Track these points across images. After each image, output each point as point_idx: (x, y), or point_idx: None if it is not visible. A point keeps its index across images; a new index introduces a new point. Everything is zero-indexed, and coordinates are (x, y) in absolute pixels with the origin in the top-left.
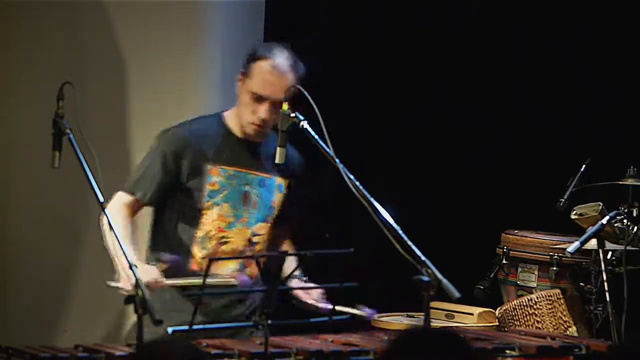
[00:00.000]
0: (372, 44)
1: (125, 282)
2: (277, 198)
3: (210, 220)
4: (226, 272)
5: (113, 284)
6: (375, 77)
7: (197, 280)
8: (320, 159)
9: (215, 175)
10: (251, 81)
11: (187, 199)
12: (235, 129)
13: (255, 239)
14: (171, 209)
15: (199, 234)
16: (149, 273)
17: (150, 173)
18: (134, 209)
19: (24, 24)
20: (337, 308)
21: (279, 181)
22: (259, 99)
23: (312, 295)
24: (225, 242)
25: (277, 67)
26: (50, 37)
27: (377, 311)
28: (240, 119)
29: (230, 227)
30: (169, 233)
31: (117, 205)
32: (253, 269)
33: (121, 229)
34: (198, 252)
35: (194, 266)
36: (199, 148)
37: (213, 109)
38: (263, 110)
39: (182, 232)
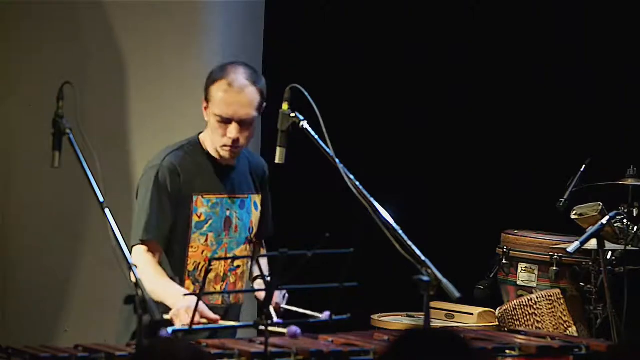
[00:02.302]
0: (372, 44)
1: (180, 319)
2: (254, 217)
3: (199, 252)
4: (213, 298)
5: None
6: (375, 77)
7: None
8: (320, 159)
9: (201, 206)
10: (213, 105)
11: (173, 233)
12: (213, 153)
13: (236, 262)
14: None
15: (190, 267)
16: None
17: (157, 215)
18: (156, 253)
19: (24, 24)
20: (287, 307)
21: (254, 199)
22: (224, 120)
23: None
24: (210, 271)
25: (233, 84)
26: (50, 37)
27: (330, 314)
28: (213, 143)
29: (213, 255)
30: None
31: (142, 260)
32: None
33: (157, 275)
34: (191, 285)
35: None
36: (187, 179)
37: None
38: (232, 131)
39: (172, 267)
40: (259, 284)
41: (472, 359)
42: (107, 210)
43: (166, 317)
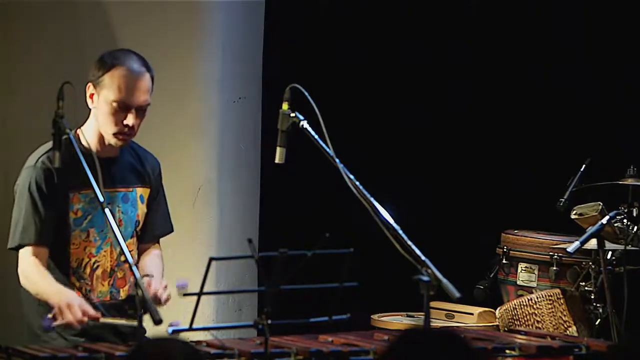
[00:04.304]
0: (372, 44)
1: (64, 315)
2: (140, 210)
3: (81, 249)
4: (101, 294)
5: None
6: (375, 77)
7: (131, 322)
8: (320, 159)
9: (77, 203)
10: (109, 92)
11: (53, 233)
12: (93, 146)
13: (123, 257)
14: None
15: (73, 264)
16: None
17: (33, 219)
18: (40, 256)
19: (24, 24)
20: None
21: (140, 192)
22: (123, 107)
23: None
24: (97, 267)
25: (132, 71)
26: (50, 36)
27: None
28: (103, 131)
29: (98, 250)
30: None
31: (25, 263)
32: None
33: (40, 276)
34: (76, 281)
35: (78, 294)
36: (62, 177)
37: (213, 109)
38: (130, 118)
39: (56, 266)
40: (147, 280)
41: (472, 359)
42: (107, 210)
43: (50, 315)
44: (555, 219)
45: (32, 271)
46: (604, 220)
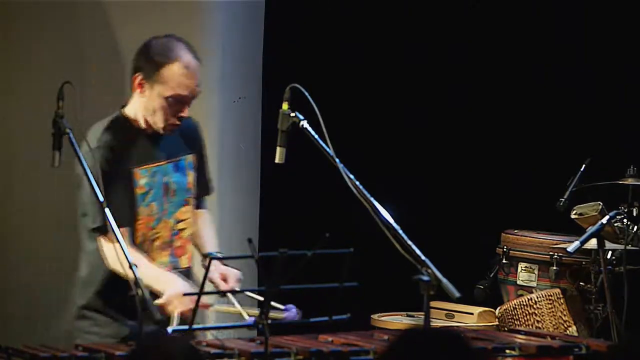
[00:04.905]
0: (372, 44)
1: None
2: (191, 177)
3: (144, 223)
4: (159, 265)
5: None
6: (375, 77)
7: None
8: (320, 159)
9: (140, 179)
10: (165, 87)
11: (120, 211)
12: (139, 124)
13: (179, 226)
14: None
15: (137, 240)
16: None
17: (111, 197)
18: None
19: (24, 24)
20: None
21: (188, 160)
22: (180, 102)
23: (229, 282)
24: (156, 239)
25: (189, 66)
26: (50, 36)
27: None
28: (152, 121)
29: (156, 222)
30: None
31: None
32: (184, 258)
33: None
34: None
35: None
36: (123, 154)
37: (213, 109)
38: (185, 111)
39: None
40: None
41: (472, 358)
42: (107, 210)
43: (158, 302)
44: (555, 219)
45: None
46: (604, 220)
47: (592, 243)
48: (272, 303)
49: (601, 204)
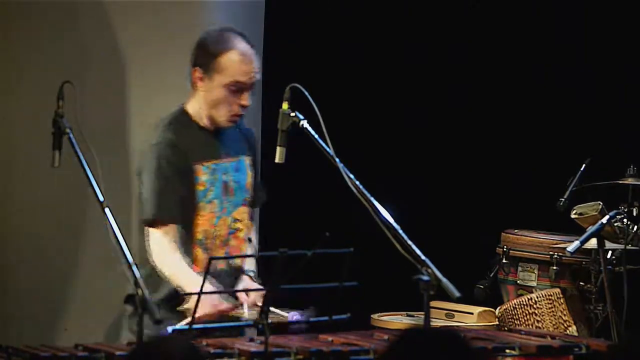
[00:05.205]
0: (372, 44)
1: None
2: (250, 178)
3: (206, 220)
4: (217, 263)
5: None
6: (375, 77)
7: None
8: (320, 159)
9: (202, 175)
10: (224, 75)
11: (184, 206)
12: (200, 121)
13: (236, 225)
14: None
15: (199, 236)
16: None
17: (165, 193)
18: (170, 232)
19: (24, 24)
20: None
21: (247, 161)
22: (240, 88)
23: (250, 299)
24: (215, 237)
25: (245, 53)
26: (50, 37)
27: (294, 314)
28: (216, 115)
29: (217, 220)
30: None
31: (159, 243)
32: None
33: (176, 260)
34: (200, 254)
35: (196, 269)
36: (185, 150)
37: None
38: (246, 98)
39: (180, 240)
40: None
41: (472, 358)
42: (107, 210)
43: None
44: (555, 218)
45: (167, 253)
46: (604, 220)
47: (592, 243)
48: (278, 310)
49: (601, 203)
